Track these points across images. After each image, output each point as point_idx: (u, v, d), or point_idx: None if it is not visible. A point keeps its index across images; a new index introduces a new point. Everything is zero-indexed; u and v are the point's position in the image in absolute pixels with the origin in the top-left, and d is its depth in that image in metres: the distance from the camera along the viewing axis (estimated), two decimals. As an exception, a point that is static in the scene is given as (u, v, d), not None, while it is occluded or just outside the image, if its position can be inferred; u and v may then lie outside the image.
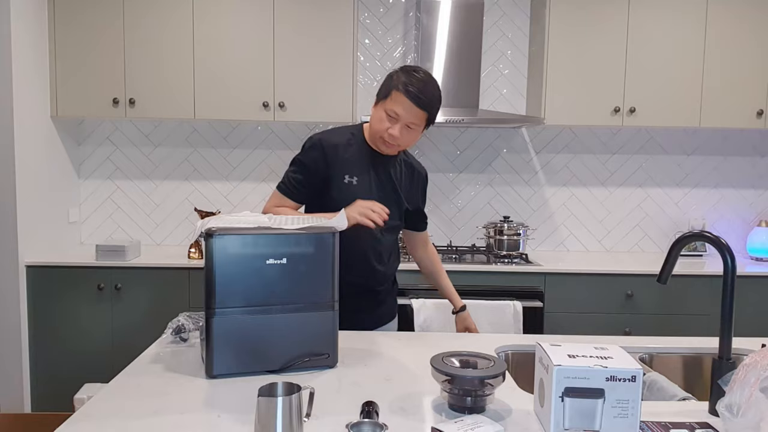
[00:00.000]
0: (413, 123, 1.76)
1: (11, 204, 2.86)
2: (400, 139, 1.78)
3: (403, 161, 1.96)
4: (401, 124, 1.76)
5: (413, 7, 3.50)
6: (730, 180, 3.61)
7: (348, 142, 1.87)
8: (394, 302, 2.09)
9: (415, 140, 1.84)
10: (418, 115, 1.75)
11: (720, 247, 1.28)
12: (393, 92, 1.75)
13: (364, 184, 1.85)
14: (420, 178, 2.01)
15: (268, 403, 1.05)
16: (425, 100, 1.74)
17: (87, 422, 1.17)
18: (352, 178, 1.84)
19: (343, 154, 1.85)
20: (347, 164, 1.85)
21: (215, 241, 1.36)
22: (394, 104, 1.75)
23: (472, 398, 1.23)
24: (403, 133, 1.77)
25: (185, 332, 1.67)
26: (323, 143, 1.86)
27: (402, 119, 1.75)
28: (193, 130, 3.52)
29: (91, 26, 3.10)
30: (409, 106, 1.73)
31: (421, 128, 1.81)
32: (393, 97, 1.75)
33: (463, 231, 3.59)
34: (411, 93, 1.72)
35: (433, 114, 1.79)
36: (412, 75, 1.76)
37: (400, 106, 1.74)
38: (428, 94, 1.75)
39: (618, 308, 3.02)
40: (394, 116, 1.75)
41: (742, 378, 1.09)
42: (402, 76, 1.76)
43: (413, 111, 1.74)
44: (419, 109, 1.74)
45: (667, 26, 3.18)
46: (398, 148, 1.84)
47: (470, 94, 3.25)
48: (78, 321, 2.98)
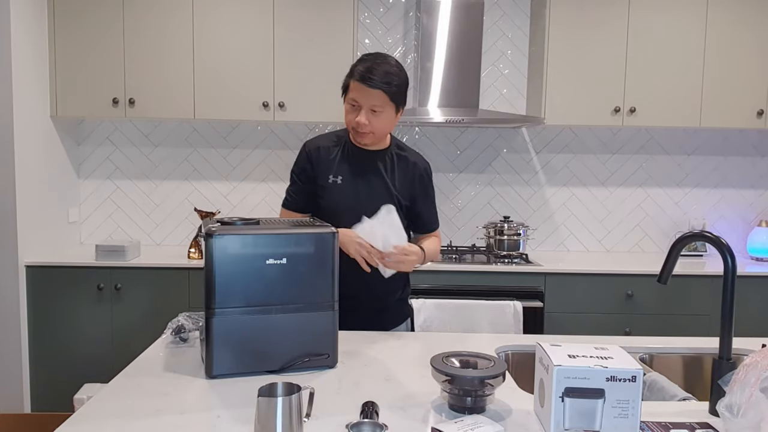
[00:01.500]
0: (375, 105, 1.75)
1: (11, 204, 2.86)
2: (370, 125, 1.77)
3: (396, 155, 1.92)
4: (365, 109, 1.76)
5: (413, 7, 3.50)
6: (731, 180, 3.61)
7: (332, 144, 1.90)
8: (404, 306, 2.03)
9: (388, 124, 1.82)
10: (376, 95, 1.74)
11: (720, 247, 1.28)
12: (350, 82, 1.78)
13: (348, 183, 1.85)
14: (416, 170, 1.94)
15: (268, 403, 1.05)
16: (378, 79, 1.72)
17: (87, 422, 1.17)
18: (336, 177, 1.85)
19: (327, 155, 1.88)
20: (331, 165, 1.87)
21: (215, 241, 1.36)
22: (353, 92, 1.77)
23: (472, 398, 1.22)
24: (370, 118, 1.76)
25: (185, 332, 1.67)
26: (307, 148, 1.92)
27: (363, 104, 1.75)
28: (193, 130, 3.52)
29: (91, 26, 3.10)
30: (362, 89, 1.74)
31: (390, 110, 1.78)
32: (351, 86, 1.78)
33: (463, 231, 3.59)
34: (361, 75, 1.73)
35: (391, 90, 1.75)
36: (364, 60, 1.78)
37: (356, 91, 1.75)
38: (380, 72, 1.73)
39: (618, 308, 3.02)
40: (356, 104, 1.77)
41: (743, 378, 1.09)
42: (356, 64, 1.79)
43: (369, 93, 1.74)
44: (373, 89, 1.73)
45: (668, 26, 3.18)
46: (374, 136, 1.81)
47: (470, 94, 3.25)
48: (78, 321, 2.98)
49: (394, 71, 1.77)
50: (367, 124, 1.77)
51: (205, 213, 3.23)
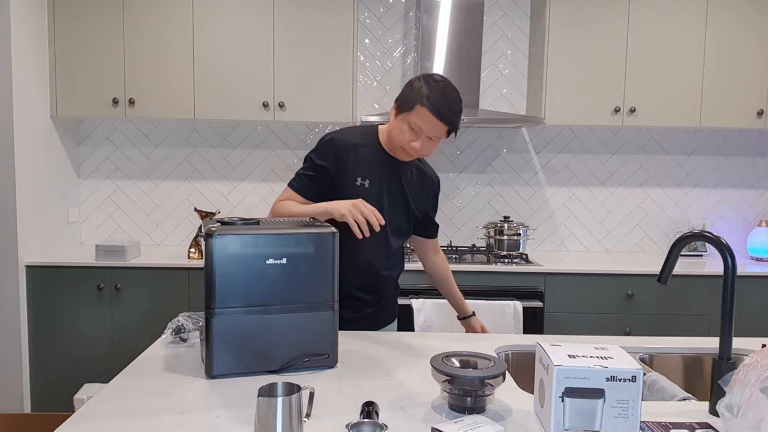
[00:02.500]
0: (436, 136, 1.74)
1: (11, 204, 2.86)
2: (422, 151, 1.77)
3: (416, 167, 1.93)
4: (424, 137, 1.73)
5: (413, 7, 3.50)
6: (731, 180, 3.61)
7: (362, 144, 1.85)
8: (395, 305, 2.07)
9: (432, 151, 1.81)
10: (442, 128, 1.73)
11: (720, 247, 1.28)
12: (417, 106, 1.70)
13: (375, 188, 1.82)
14: (431, 184, 1.98)
15: (268, 403, 1.05)
16: (449, 116, 1.71)
17: (87, 422, 1.17)
18: (364, 180, 1.82)
19: (356, 155, 1.83)
20: (360, 166, 1.82)
21: (215, 241, 1.36)
22: (418, 118, 1.71)
23: (472, 398, 1.22)
24: (425, 144, 1.75)
25: (185, 332, 1.67)
26: (336, 142, 1.83)
27: (425, 133, 1.72)
28: (193, 130, 3.52)
29: (91, 26, 3.10)
30: (433, 121, 1.70)
31: (440, 139, 1.79)
32: (417, 110, 1.70)
33: (463, 231, 3.59)
34: (436, 108, 1.69)
35: (455, 126, 1.76)
36: (437, 88, 1.72)
37: (425, 120, 1.70)
38: (452, 108, 1.73)
39: (618, 308, 3.02)
40: (418, 130, 1.72)
41: (743, 378, 1.09)
42: (425, 88, 1.71)
43: (437, 125, 1.71)
44: (443, 123, 1.71)
45: (668, 26, 3.18)
46: (416, 157, 1.83)
47: (470, 94, 3.25)
48: (78, 321, 2.98)
49: (461, 107, 1.76)
50: (420, 150, 1.76)
51: (205, 213, 3.23)
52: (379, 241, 1.82)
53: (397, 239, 1.91)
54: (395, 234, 1.88)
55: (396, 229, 1.89)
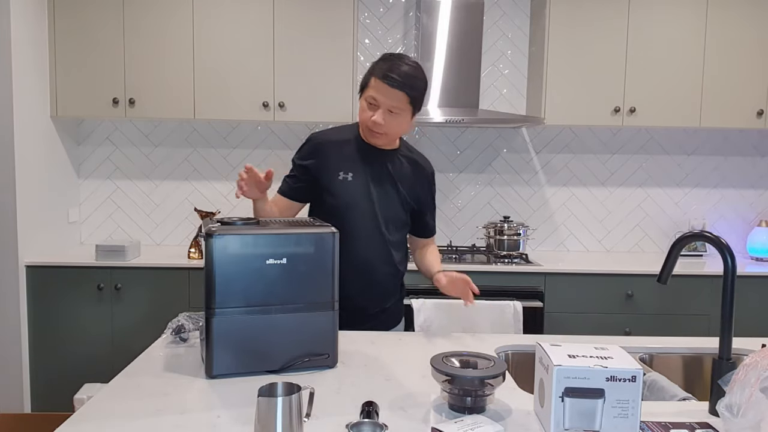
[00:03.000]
0: (395, 107, 1.73)
1: (11, 204, 2.86)
2: (385, 125, 1.75)
3: (405, 156, 1.92)
4: (383, 109, 1.73)
5: (413, 7, 3.50)
6: (731, 180, 3.61)
7: (343, 140, 1.87)
8: (401, 306, 2.04)
9: (403, 127, 1.80)
10: (397, 96, 1.72)
11: (720, 247, 1.28)
12: (371, 79, 1.75)
13: (360, 180, 1.82)
14: (424, 174, 1.95)
15: (268, 403, 1.05)
16: (401, 81, 1.70)
17: (87, 422, 1.17)
18: (347, 174, 1.82)
19: (338, 151, 1.84)
20: (341, 161, 1.83)
21: (215, 241, 1.36)
22: (372, 90, 1.74)
23: (472, 398, 1.22)
24: (387, 118, 1.74)
25: (185, 332, 1.67)
26: (314, 141, 1.88)
27: (382, 104, 1.73)
28: (193, 130, 3.52)
29: (91, 26, 3.10)
30: (385, 89, 1.71)
31: (406, 113, 1.77)
32: (371, 84, 1.75)
33: (463, 231, 3.59)
34: (385, 75, 1.70)
35: (413, 94, 1.74)
36: (387, 59, 1.75)
37: (378, 90, 1.72)
38: (403, 74, 1.71)
39: (618, 308, 3.02)
40: (374, 102, 1.74)
41: (743, 378, 1.09)
42: (378, 62, 1.76)
43: (391, 93, 1.71)
44: (396, 90, 1.70)
45: (667, 26, 3.18)
46: (387, 137, 1.80)
47: (470, 94, 3.25)
48: (78, 321, 2.98)
49: (418, 75, 1.75)
50: (382, 125, 1.74)
51: (205, 213, 3.23)
52: (372, 233, 1.80)
53: (394, 230, 1.87)
54: (390, 223, 1.85)
55: (390, 218, 1.85)
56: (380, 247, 1.85)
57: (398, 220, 1.88)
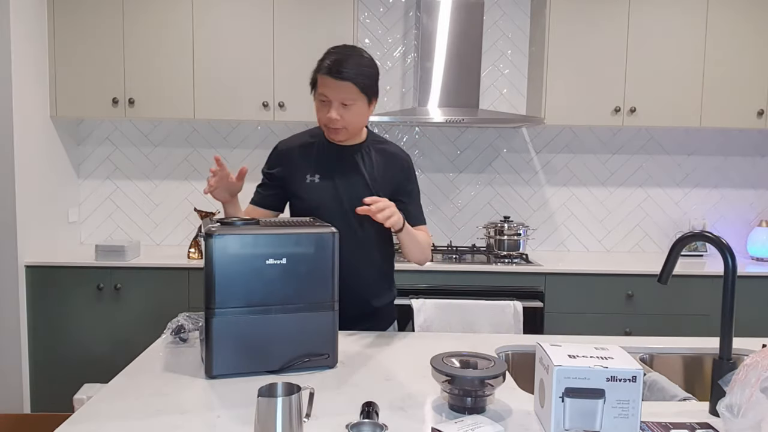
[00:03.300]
0: (346, 99, 1.70)
1: (11, 204, 2.86)
2: (342, 120, 1.72)
3: (374, 149, 1.87)
4: (335, 103, 1.71)
5: (413, 6, 3.50)
6: (731, 180, 3.61)
7: (307, 143, 1.87)
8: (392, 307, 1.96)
9: (361, 118, 1.76)
10: (346, 88, 1.69)
11: (720, 247, 1.28)
12: (317, 77, 1.73)
13: (327, 181, 1.81)
14: (397, 162, 1.88)
15: (268, 404, 1.05)
16: (346, 71, 1.67)
17: (87, 422, 1.17)
18: (313, 176, 1.82)
19: (302, 155, 1.85)
20: (307, 164, 1.83)
21: (215, 241, 1.36)
22: (321, 87, 1.72)
23: (472, 398, 1.22)
24: (342, 112, 1.71)
25: (185, 332, 1.67)
26: (279, 148, 1.89)
27: (333, 99, 1.70)
28: (192, 130, 3.52)
29: (91, 26, 3.10)
30: (333, 83, 1.69)
31: (361, 103, 1.73)
32: (318, 81, 1.73)
33: (463, 231, 3.59)
34: (326, 68, 1.69)
35: (362, 82, 1.70)
36: (330, 52, 1.73)
37: (326, 86, 1.70)
38: (345, 63, 1.68)
39: (618, 308, 3.02)
40: (325, 99, 1.72)
41: (743, 378, 1.09)
42: (322, 58, 1.74)
43: (339, 86, 1.69)
44: (342, 81, 1.68)
45: (668, 26, 3.17)
46: (347, 131, 1.76)
47: (470, 93, 3.24)
48: (78, 321, 2.98)
49: (363, 62, 1.73)
50: (339, 120, 1.72)
51: (205, 213, 3.22)
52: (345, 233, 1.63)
53: (370, 227, 1.76)
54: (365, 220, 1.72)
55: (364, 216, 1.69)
56: (357, 246, 1.78)
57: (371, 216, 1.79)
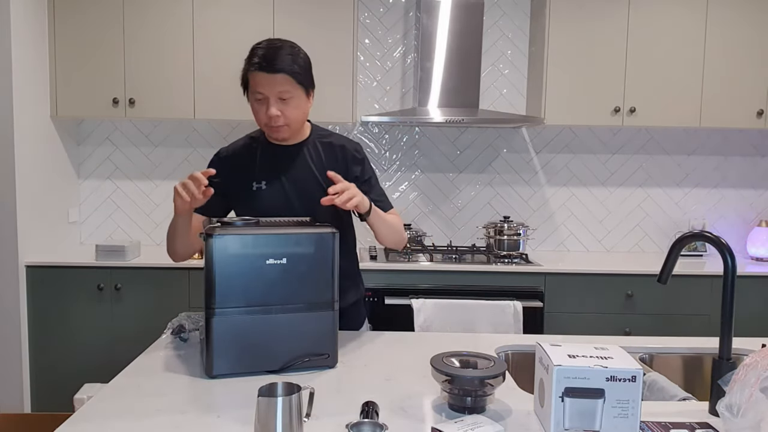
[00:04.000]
0: (284, 92, 1.63)
1: (11, 204, 2.86)
2: (283, 116, 1.64)
3: (319, 143, 1.79)
4: (272, 99, 1.63)
5: (413, 7, 3.50)
6: (731, 180, 3.61)
7: (248, 148, 1.78)
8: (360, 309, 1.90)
9: (302, 112, 1.70)
10: (280, 80, 1.61)
11: (720, 247, 1.28)
12: (249, 76, 1.66)
13: (274, 186, 1.72)
14: (346, 153, 1.79)
15: (268, 403, 1.05)
16: (276, 63, 1.61)
17: (87, 422, 1.17)
18: (260, 183, 1.73)
19: (244, 161, 1.75)
20: (251, 171, 1.74)
21: (215, 241, 1.37)
22: (253, 86, 1.65)
23: (472, 398, 1.23)
24: (282, 107, 1.64)
25: (185, 332, 1.67)
26: (219, 155, 1.79)
27: (270, 95, 1.63)
28: (193, 130, 3.52)
29: (91, 26, 3.10)
30: (264, 78, 1.62)
31: (299, 94, 1.66)
32: (250, 80, 1.66)
33: (463, 231, 3.59)
34: (257, 64, 1.62)
35: (296, 71, 1.64)
36: (255, 48, 1.66)
37: (258, 81, 1.63)
38: (275, 56, 1.62)
39: (618, 308, 3.02)
40: (261, 97, 1.64)
41: (743, 378, 1.09)
42: (249, 56, 1.67)
43: (271, 79, 1.61)
44: (275, 74, 1.61)
45: (668, 26, 3.17)
46: (290, 128, 1.69)
47: (470, 94, 3.25)
48: (78, 321, 2.98)
49: (294, 52, 1.66)
50: (279, 116, 1.64)
51: (205, 213, 3.22)
52: None
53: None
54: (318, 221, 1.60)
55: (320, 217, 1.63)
56: None
57: (326, 214, 1.66)
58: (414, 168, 3.57)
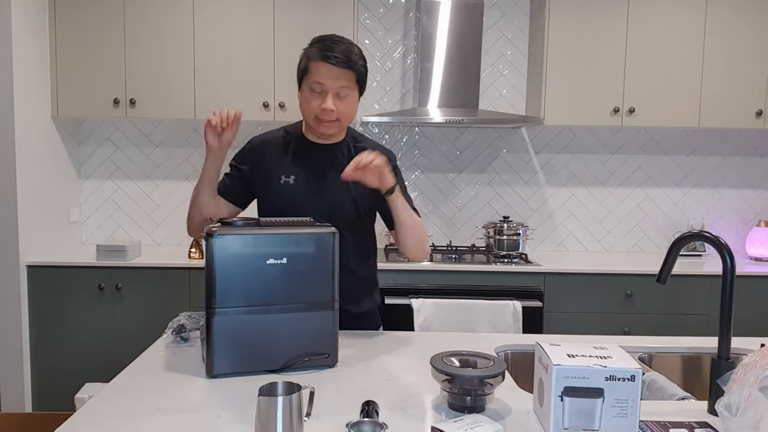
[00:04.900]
0: (343, 87, 1.63)
1: (12, 204, 2.87)
2: (337, 111, 1.63)
3: (353, 146, 1.76)
4: (331, 93, 1.62)
5: (413, 7, 3.50)
6: (730, 180, 3.61)
7: (281, 141, 1.77)
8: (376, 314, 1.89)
9: (354, 111, 1.69)
10: (345, 76, 1.62)
11: (719, 246, 1.29)
12: (310, 64, 1.64)
13: (302, 182, 1.71)
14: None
15: (269, 403, 1.05)
16: (345, 58, 1.61)
17: (87, 422, 1.17)
18: (288, 177, 1.72)
19: (276, 153, 1.75)
20: (281, 164, 1.74)
21: (215, 241, 1.37)
22: (314, 75, 1.62)
23: (472, 398, 1.23)
24: (337, 103, 1.63)
25: (185, 332, 1.68)
26: (253, 143, 1.80)
27: (330, 88, 1.62)
28: (193, 130, 3.52)
29: (92, 26, 3.10)
30: (331, 71, 1.61)
31: (354, 94, 1.67)
32: (312, 69, 1.63)
33: (463, 231, 3.59)
34: (323, 54, 1.60)
35: (360, 71, 1.65)
36: (321, 41, 1.65)
37: (322, 74, 1.61)
38: (346, 51, 1.62)
39: (617, 308, 3.02)
40: (320, 88, 1.63)
41: (741, 377, 1.09)
42: (312, 47, 1.65)
43: (337, 74, 1.61)
44: (343, 69, 1.61)
45: (667, 26, 3.18)
46: (339, 124, 1.68)
47: (470, 94, 3.25)
48: (78, 321, 2.98)
49: (358, 51, 1.66)
50: (334, 110, 1.63)
51: (206, 213, 3.23)
52: None
53: (347, 230, 1.64)
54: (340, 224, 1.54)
55: (339, 218, 1.61)
56: None
57: (349, 218, 1.70)
58: (414, 168, 3.57)
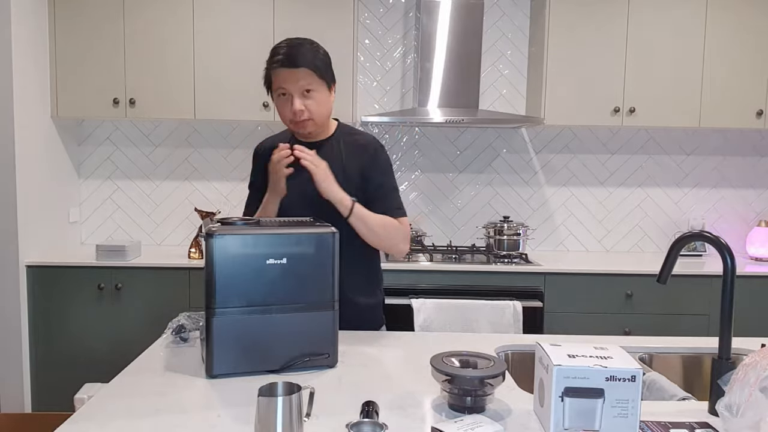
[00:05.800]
0: (307, 87, 1.67)
1: (11, 204, 2.86)
2: (307, 110, 1.69)
3: (342, 141, 1.81)
4: (296, 95, 1.68)
5: (413, 7, 3.50)
6: (730, 180, 3.61)
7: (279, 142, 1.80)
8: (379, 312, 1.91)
9: (325, 106, 1.73)
10: (302, 75, 1.66)
11: (719, 247, 1.28)
12: (271, 74, 1.71)
13: (297, 180, 1.71)
14: (368, 151, 1.79)
15: (268, 403, 1.05)
16: (296, 57, 1.65)
17: (87, 422, 1.17)
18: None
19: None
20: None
21: (215, 241, 1.37)
22: (277, 83, 1.69)
23: (472, 398, 1.23)
24: (306, 102, 1.68)
25: (185, 332, 1.68)
26: (257, 151, 1.91)
27: (292, 90, 1.67)
28: (193, 130, 3.52)
29: (92, 26, 3.10)
30: (287, 73, 1.66)
31: (322, 89, 1.70)
32: (273, 78, 1.70)
33: (463, 231, 3.59)
34: (279, 61, 1.67)
35: (317, 65, 1.68)
36: (274, 49, 1.71)
37: (282, 79, 1.68)
38: (294, 50, 1.66)
39: (618, 308, 3.02)
40: (285, 92, 1.69)
41: (742, 378, 1.09)
42: (269, 57, 1.71)
43: (293, 74, 1.66)
44: (297, 68, 1.66)
45: (667, 26, 3.18)
46: (314, 122, 1.72)
47: (470, 94, 3.25)
48: (78, 321, 2.98)
49: (313, 47, 1.71)
50: (303, 110, 1.68)
51: (206, 213, 3.23)
52: None
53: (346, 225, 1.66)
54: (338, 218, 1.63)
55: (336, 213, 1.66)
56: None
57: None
58: (414, 168, 3.57)
